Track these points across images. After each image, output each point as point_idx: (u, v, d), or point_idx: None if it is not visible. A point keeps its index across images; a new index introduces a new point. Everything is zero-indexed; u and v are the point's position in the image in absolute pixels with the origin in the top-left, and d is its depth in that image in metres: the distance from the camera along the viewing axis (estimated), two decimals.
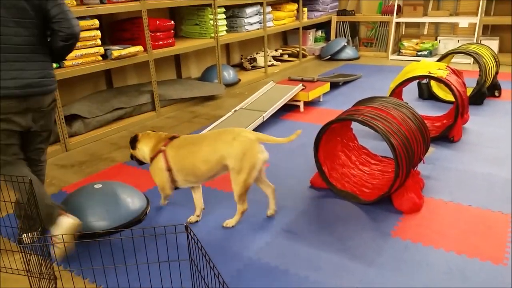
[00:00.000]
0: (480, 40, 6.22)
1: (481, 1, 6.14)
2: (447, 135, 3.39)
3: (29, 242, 1.48)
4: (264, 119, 3.87)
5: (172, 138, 2.37)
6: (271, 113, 3.97)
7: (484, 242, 2.15)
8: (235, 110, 4.10)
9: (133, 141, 2.45)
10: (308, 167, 3.07)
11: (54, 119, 2.29)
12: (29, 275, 1.50)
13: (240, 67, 6.40)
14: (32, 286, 1.49)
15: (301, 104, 4.38)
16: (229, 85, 5.33)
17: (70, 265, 2.07)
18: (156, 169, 2.36)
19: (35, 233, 2.01)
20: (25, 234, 2.03)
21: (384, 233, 2.25)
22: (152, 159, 2.37)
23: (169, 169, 2.31)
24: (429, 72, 3.38)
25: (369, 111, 2.47)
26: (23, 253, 1.44)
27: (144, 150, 2.42)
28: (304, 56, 6.88)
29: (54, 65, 3.50)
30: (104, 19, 4.26)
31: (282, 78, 5.49)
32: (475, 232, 2.23)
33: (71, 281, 1.97)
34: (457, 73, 3.61)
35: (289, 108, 4.41)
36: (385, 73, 5.90)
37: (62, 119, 3.53)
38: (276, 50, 6.77)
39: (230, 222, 2.37)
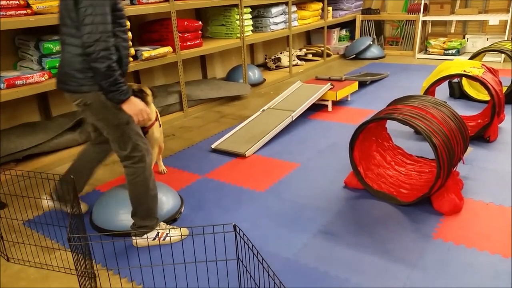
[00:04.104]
0: (511, 38, 6.06)
1: None
2: (483, 134, 3.31)
3: (78, 241, 1.49)
4: (293, 119, 3.84)
5: None
6: (300, 113, 3.94)
7: None
8: (263, 110, 4.08)
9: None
10: (340, 167, 3.03)
11: (107, 124, 2.08)
12: (78, 274, 1.51)
13: (264, 67, 6.38)
14: (80, 284, 1.50)
15: (329, 104, 4.34)
16: (254, 85, 5.32)
17: (109, 264, 2.08)
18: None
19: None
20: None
21: (425, 235, 2.20)
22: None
23: None
24: (464, 71, 3.30)
25: (408, 110, 2.41)
26: (72, 252, 1.45)
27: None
28: (328, 55, 6.82)
29: None
30: (133, 20, 4.30)
31: (307, 78, 5.45)
32: None
33: (116, 281, 1.98)
34: (493, 71, 3.51)
35: (316, 107, 4.37)
36: (412, 72, 5.80)
37: None
38: (300, 50, 6.73)
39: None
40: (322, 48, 6.71)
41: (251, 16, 5.22)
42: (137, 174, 2.13)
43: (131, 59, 3.86)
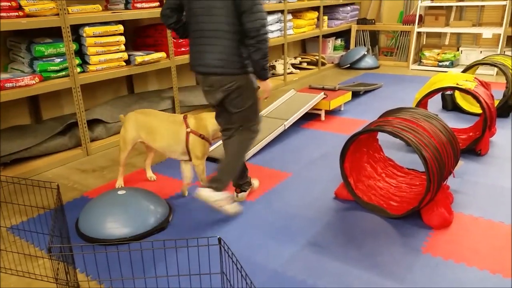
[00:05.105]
0: (504, 52, 6.11)
1: (506, 12, 6.04)
2: (474, 148, 3.31)
3: (59, 251, 1.46)
4: (286, 128, 3.83)
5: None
6: (293, 122, 3.93)
7: None
8: None
9: None
10: (331, 177, 3.02)
11: (245, 104, 2.40)
12: (58, 283, 1.48)
13: None
14: None
15: (322, 113, 4.33)
16: None
17: (89, 273, 2.04)
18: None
19: None
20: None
21: (414, 249, 2.18)
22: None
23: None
24: (457, 84, 3.31)
25: (398, 122, 2.41)
26: (52, 261, 1.42)
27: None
28: (323, 64, 6.83)
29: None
30: (128, 25, 4.28)
31: (301, 86, 5.45)
32: (509, 250, 2.15)
33: None
34: (485, 85, 3.52)
35: (309, 116, 4.36)
36: (406, 83, 5.82)
37: (84, 123, 3.53)
38: (295, 58, 6.73)
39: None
40: (317, 57, 6.73)
41: None
42: (247, 140, 2.49)
43: (123, 63, 3.84)
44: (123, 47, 3.79)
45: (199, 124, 2.69)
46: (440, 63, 6.56)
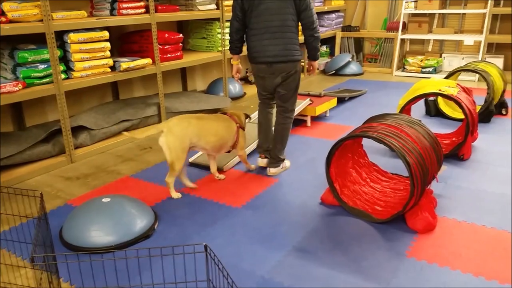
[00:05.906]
0: (485, 58, 6.24)
1: (486, 20, 6.18)
2: (457, 153, 3.37)
3: (43, 260, 1.43)
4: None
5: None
6: None
7: (501, 264, 2.10)
8: None
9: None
10: (317, 182, 3.04)
11: (294, 86, 3.04)
12: None
13: (245, 80, 6.40)
14: None
15: (308, 119, 4.36)
16: (235, 98, 5.32)
17: (73, 282, 2.02)
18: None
19: None
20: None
21: (399, 253, 2.20)
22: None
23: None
24: (440, 90, 3.37)
25: (383, 128, 2.44)
26: (35, 271, 1.39)
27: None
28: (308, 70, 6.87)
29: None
30: (113, 31, 4.26)
31: None
32: (491, 253, 2.19)
33: None
34: (467, 91, 3.60)
35: (296, 122, 4.38)
36: (390, 89, 5.90)
37: (68, 130, 3.49)
38: None
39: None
40: (303, 64, 6.78)
41: None
42: (290, 121, 3.16)
43: (108, 69, 3.82)
44: (108, 53, 3.77)
45: (240, 119, 3.13)
46: (423, 70, 6.67)
